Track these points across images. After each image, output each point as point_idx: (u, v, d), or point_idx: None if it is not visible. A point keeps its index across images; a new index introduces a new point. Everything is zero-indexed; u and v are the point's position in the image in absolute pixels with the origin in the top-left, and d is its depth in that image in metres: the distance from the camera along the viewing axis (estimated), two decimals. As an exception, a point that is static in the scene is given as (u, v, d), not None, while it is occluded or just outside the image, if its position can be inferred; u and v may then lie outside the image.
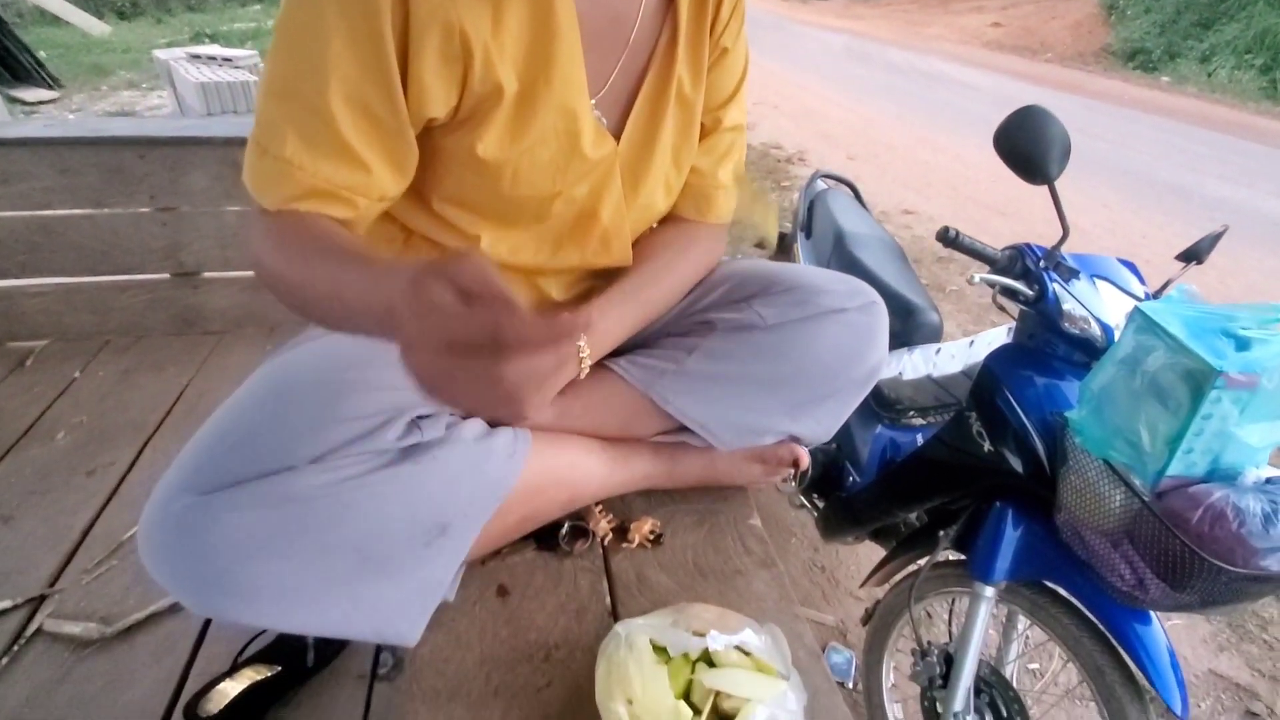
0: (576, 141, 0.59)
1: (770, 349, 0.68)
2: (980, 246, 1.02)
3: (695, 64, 0.66)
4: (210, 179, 1.48)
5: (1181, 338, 0.76)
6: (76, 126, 1.47)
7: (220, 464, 0.51)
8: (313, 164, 0.52)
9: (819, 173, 1.96)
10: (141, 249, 1.52)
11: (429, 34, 0.50)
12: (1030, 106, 0.94)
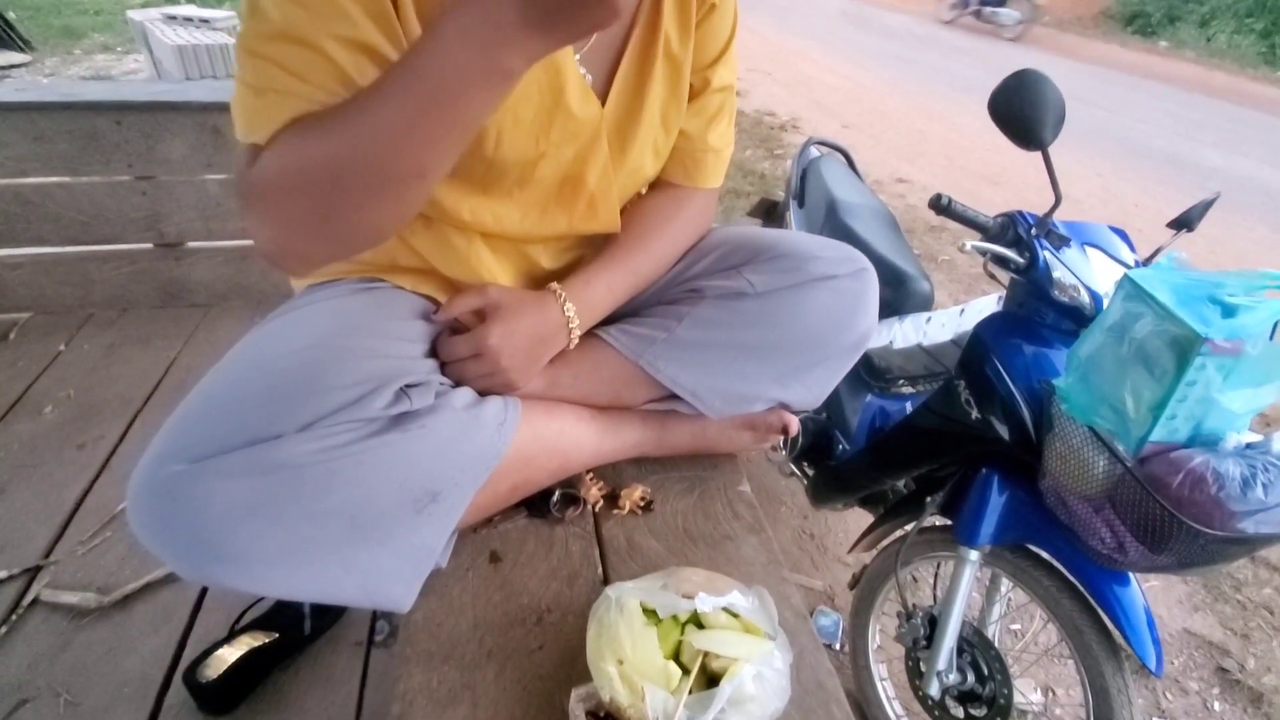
0: (561, 97, 0.58)
1: (760, 316, 0.68)
2: (972, 214, 1.02)
3: (682, 20, 0.64)
4: (189, 147, 1.44)
5: (1169, 305, 0.76)
6: (50, 91, 1.43)
7: (208, 431, 0.51)
8: (316, 81, 0.48)
9: (812, 140, 1.94)
10: (121, 219, 1.48)
11: None
12: (1026, 70, 0.93)
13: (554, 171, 0.63)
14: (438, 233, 0.65)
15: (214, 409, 0.53)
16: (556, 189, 0.65)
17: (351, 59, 0.48)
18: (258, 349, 0.57)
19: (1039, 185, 1.00)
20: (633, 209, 0.73)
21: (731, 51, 0.70)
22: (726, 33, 0.69)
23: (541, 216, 0.66)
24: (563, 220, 0.67)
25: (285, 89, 0.48)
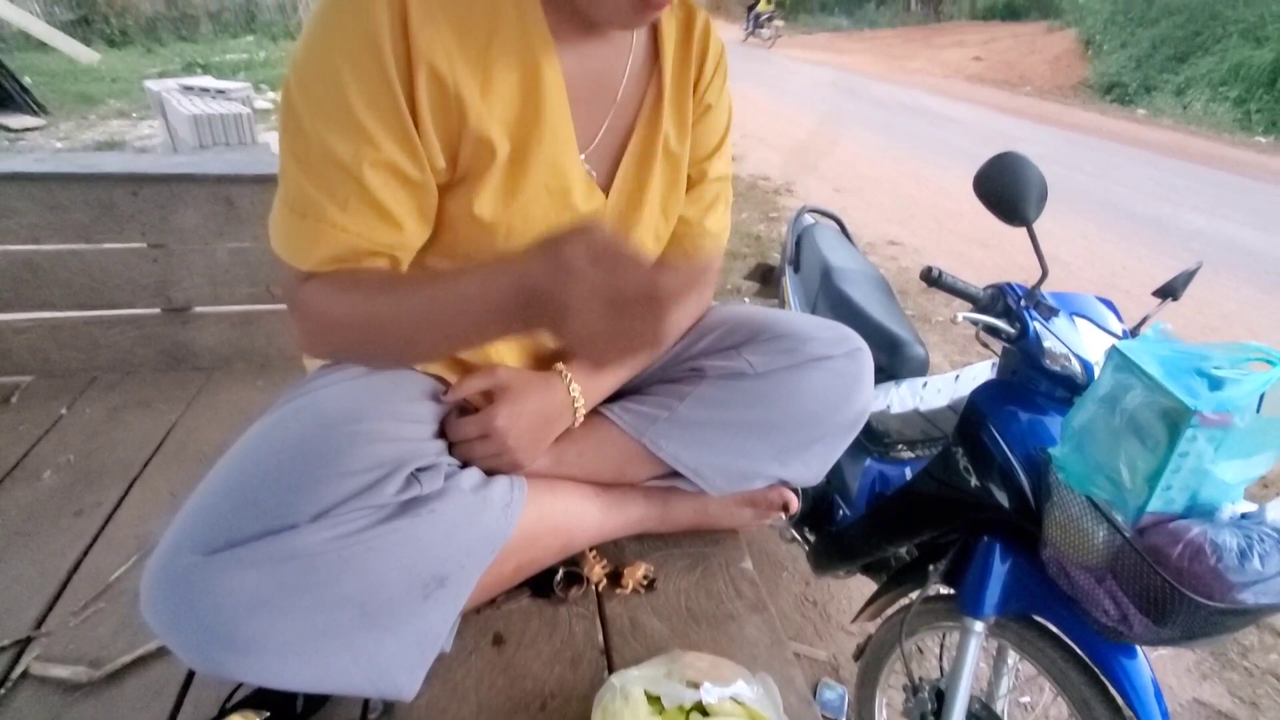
0: (567, 197, 0.61)
1: (759, 395, 0.70)
2: (963, 286, 1.05)
3: (680, 119, 0.68)
4: (202, 216, 1.49)
5: (1158, 377, 0.78)
6: (68, 162, 1.48)
7: (223, 522, 0.51)
8: (355, 225, 0.54)
9: (806, 208, 2.00)
10: (131, 285, 1.51)
11: (429, 84, 0.52)
12: (1007, 152, 0.98)
13: None
14: None
15: (229, 498, 0.54)
16: None
17: (380, 180, 0.53)
18: (271, 435, 0.58)
19: (1027, 248, 1.03)
20: None
21: (727, 145, 0.74)
22: (722, 129, 0.73)
23: None
24: None
25: (321, 217, 0.53)
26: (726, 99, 0.73)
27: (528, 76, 0.56)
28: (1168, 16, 10.95)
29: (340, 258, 0.55)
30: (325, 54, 0.51)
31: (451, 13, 0.52)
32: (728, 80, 0.72)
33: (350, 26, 0.50)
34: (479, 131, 0.55)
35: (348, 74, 0.50)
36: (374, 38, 0.50)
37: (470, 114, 0.54)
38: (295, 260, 0.56)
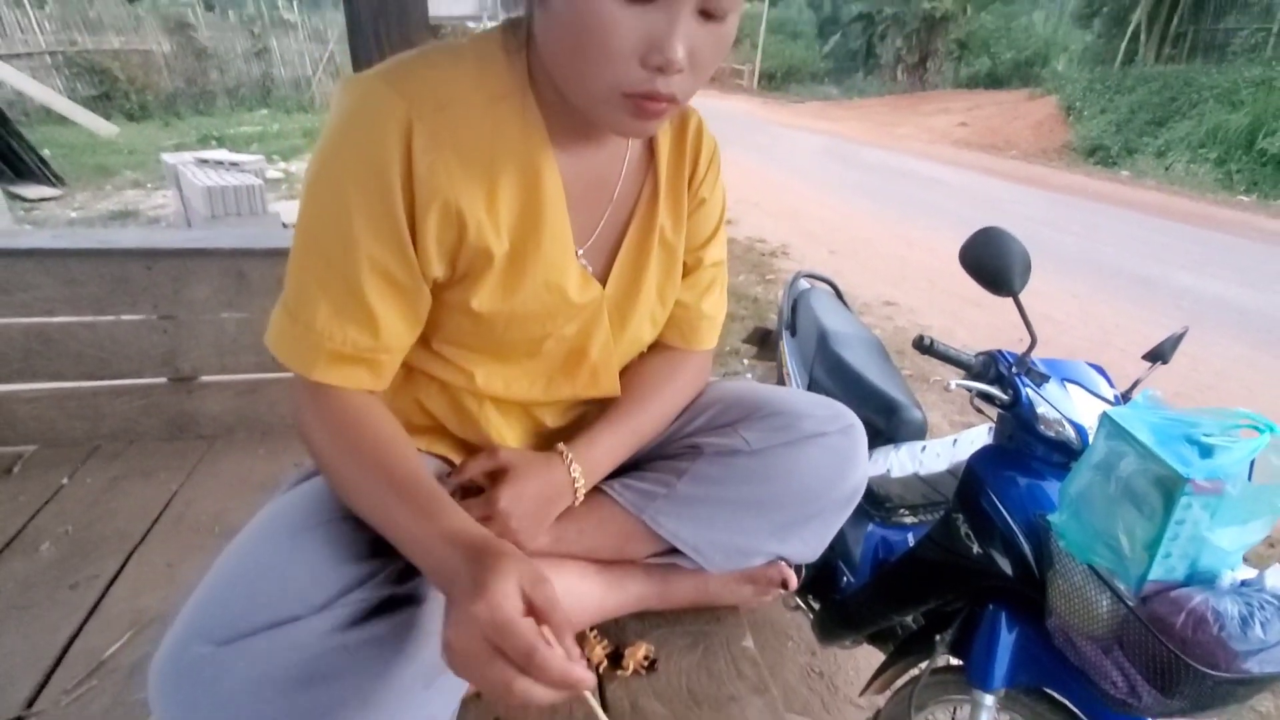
0: (563, 294, 0.64)
1: (756, 473, 0.71)
2: (955, 353, 1.07)
3: (675, 213, 0.72)
4: (213, 289, 1.53)
5: (1149, 444, 0.79)
6: (84, 238, 1.52)
7: (231, 613, 0.52)
8: (341, 331, 0.57)
9: (801, 273, 2.05)
10: (140, 355, 1.54)
11: (431, 209, 0.56)
12: (990, 227, 1.02)
13: (559, 346, 0.68)
14: (451, 396, 0.69)
15: (236, 588, 0.54)
16: (562, 361, 0.70)
17: (374, 286, 0.57)
18: (276, 523, 0.59)
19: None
20: (633, 370, 0.77)
21: (721, 233, 0.78)
22: (716, 219, 0.77)
23: (548, 385, 0.71)
24: (567, 388, 0.71)
25: (311, 325, 0.57)
26: (720, 192, 0.77)
27: (528, 182, 0.60)
28: (1143, 84, 11.44)
29: (325, 364, 0.58)
30: (334, 174, 0.55)
31: (456, 136, 0.55)
32: (720, 174, 0.76)
33: (360, 153, 0.54)
34: (479, 243, 0.59)
35: (354, 195, 0.54)
36: (381, 166, 0.53)
37: (471, 228, 0.58)
38: (283, 361, 0.60)
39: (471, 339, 0.64)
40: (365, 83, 0.54)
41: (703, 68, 0.53)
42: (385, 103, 0.53)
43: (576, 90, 0.54)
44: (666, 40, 0.49)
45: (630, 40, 0.49)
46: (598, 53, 0.50)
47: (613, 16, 0.48)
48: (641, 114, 0.53)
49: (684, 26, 0.49)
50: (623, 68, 0.50)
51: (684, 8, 0.49)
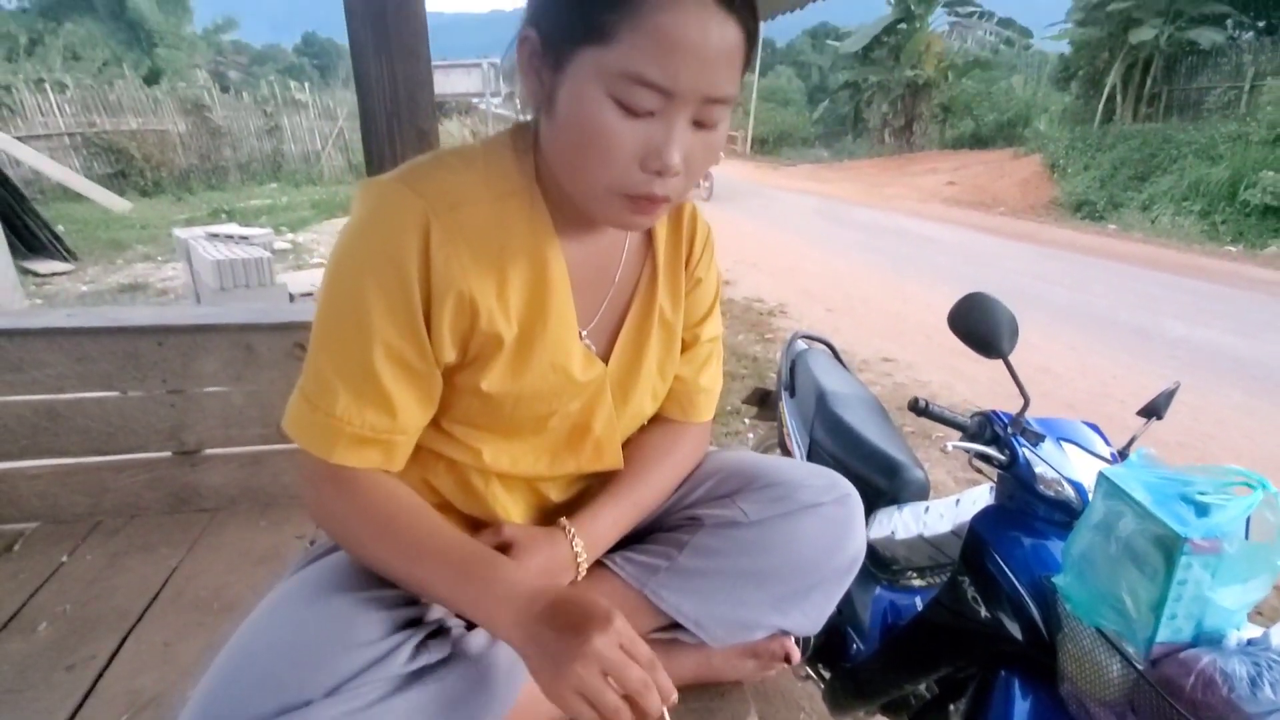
0: (568, 374, 0.68)
1: (755, 544, 0.72)
2: (950, 415, 1.09)
3: (674, 293, 0.76)
4: (221, 363, 1.55)
5: (1146, 504, 0.80)
6: (98, 316, 1.56)
7: (241, 700, 0.52)
8: (359, 416, 0.60)
9: (798, 333, 2.09)
10: (146, 430, 1.56)
11: (446, 299, 0.60)
12: (976, 293, 1.05)
13: (564, 423, 0.71)
14: (459, 474, 0.71)
15: (246, 674, 0.55)
16: (566, 436, 0.72)
17: (389, 371, 0.60)
18: (284, 607, 0.60)
19: (1016, 360, 1.08)
20: (634, 443, 0.79)
21: (716, 310, 0.82)
22: (711, 297, 0.81)
23: (553, 460, 0.72)
24: (571, 463, 0.73)
25: (330, 411, 0.60)
26: (715, 272, 0.81)
27: (536, 271, 0.64)
28: (1123, 141, 11.83)
29: (344, 448, 0.61)
30: (355, 269, 0.59)
31: (469, 232, 0.59)
32: (714, 256, 0.80)
33: (380, 249, 0.58)
34: (490, 329, 0.62)
35: (373, 288, 0.58)
36: (400, 260, 0.57)
37: (483, 316, 0.61)
38: (303, 446, 0.62)
39: (480, 418, 0.67)
40: (385, 185, 0.59)
41: (696, 170, 0.58)
42: (405, 203, 0.57)
43: (579, 189, 0.58)
44: (663, 149, 0.53)
45: (629, 148, 0.54)
46: (599, 158, 0.54)
47: (613, 127, 0.52)
48: (639, 212, 0.57)
49: (679, 136, 0.54)
50: (622, 172, 0.55)
51: (679, 120, 0.53)
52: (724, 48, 0.51)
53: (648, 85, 0.51)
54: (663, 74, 0.50)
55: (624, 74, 0.51)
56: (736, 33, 0.52)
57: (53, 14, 20.60)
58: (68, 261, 6.85)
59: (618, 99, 0.52)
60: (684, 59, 0.50)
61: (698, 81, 0.51)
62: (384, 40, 1.12)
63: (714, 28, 0.50)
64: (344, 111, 14.05)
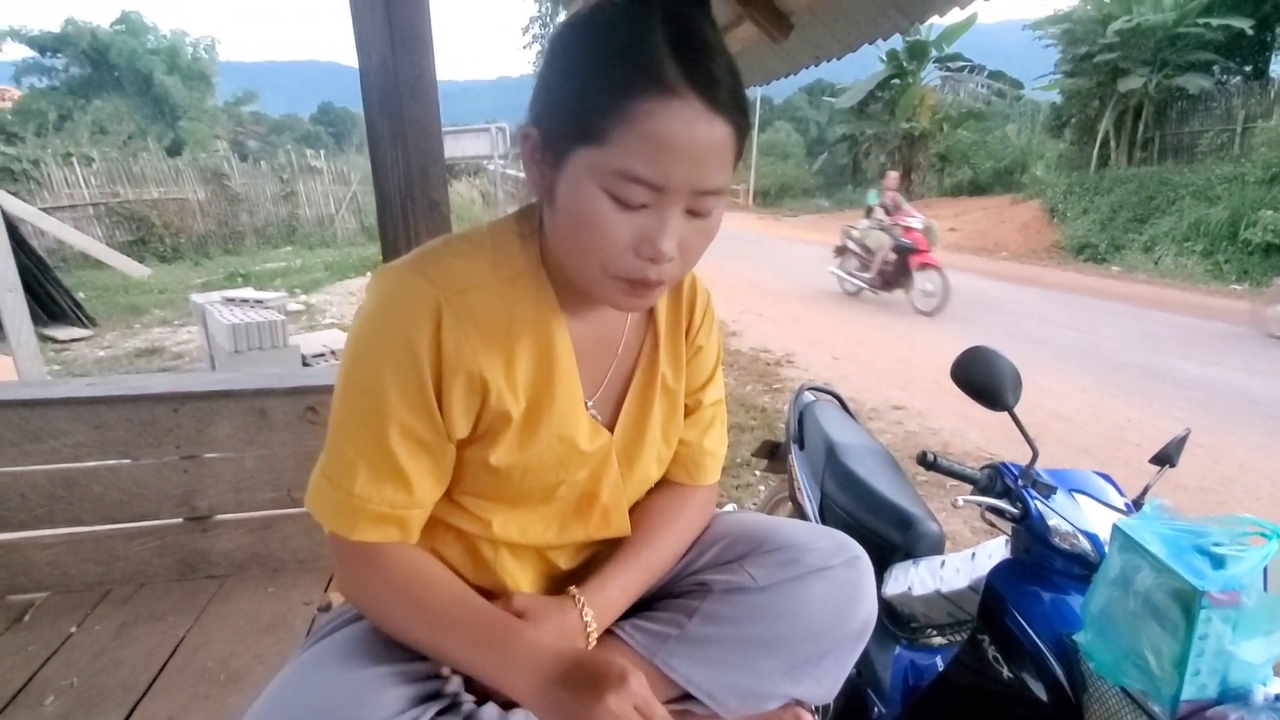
0: (574, 445, 0.69)
1: (764, 610, 0.71)
2: (959, 468, 1.09)
3: (675, 361, 0.78)
4: (235, 427, 1.58)
5: (1162, 557, 0.79)
6: (116, 385, 1.59)
7: None
8: (378, 493, 0.62)
9: (805, 385, 2.09)
10: (159, 497, 1.57)
11: (457, 379, 0.62)
12: (977, 347, 1.07)
13: (571, 491, 0.72)
14: (468, 544, 0.72)
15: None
16: (574, 504, 0.73)
17: (404, 448, 0.62)
18: (298, 684, 0.60)
19: (1029, 403, 1.08)
20: (641, 508, 0.80)
21: (718, 374, 0.83)
22: (713, 363, 0.82)
23: (561, 529, 0.73)
24: (579, 530, 0.74)
25: (350, 490, 0.62)
26: (715, 338, 0.83)
27: (542, 348, 0.67)
28: (1120, 185, 12.00)
29: (362, 525, 0.63)
30: (371, 353, 0.61)
31: (478, 314, 0.62)
32: (715, 323, 0.83)
33: (394, 333, 0.60)
34: (499, 406, 0.65)
35: (388, 371, 0.61)
36: (413, 344, 0.60)
37: (493, 393, 0.64)
38: (321, 522, 0.64)
39: (489, 489, 0.68)
40: (398, 272, 0.62)
41: (691, 255, 0.61)
42: (417, 289, 0.61)
43: (579, 273, 0.61)
44: (656, 238, 0.56)
45: (625, 237, 0.57)
46: (597, 246, 0.57)
47: (608, 219, 0.55)
48: (635, 295, 0.60)
49: (673, 226, 0.57)
50: (618, 258, 0.58)
51: (672, 211, 0.56)
52: (713, 145, 0.54)
53: (640, 182, 0.54)
54: (654, 172, 0.53)
55: (618, 172, 0.54)
56: (725, 130, 0.55)
57: (82, 91, 21.63)
58: (86, 327, 7.00)
59: (612, 194, 0.55)
60: (674, 158, 0.53)
61: (688, 177, 0.54)
62: (399, 128, 1.18)
63: (702, 128, 0.53)
64: (357, 176, 14.53)
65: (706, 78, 0.53)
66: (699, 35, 0.54)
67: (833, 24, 1.89)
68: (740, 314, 6.99)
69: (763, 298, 7.92)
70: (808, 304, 7.72)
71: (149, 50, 22.49)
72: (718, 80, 0.53)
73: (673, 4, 0.55)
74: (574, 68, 0.56)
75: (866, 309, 7.30)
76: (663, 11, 0.54)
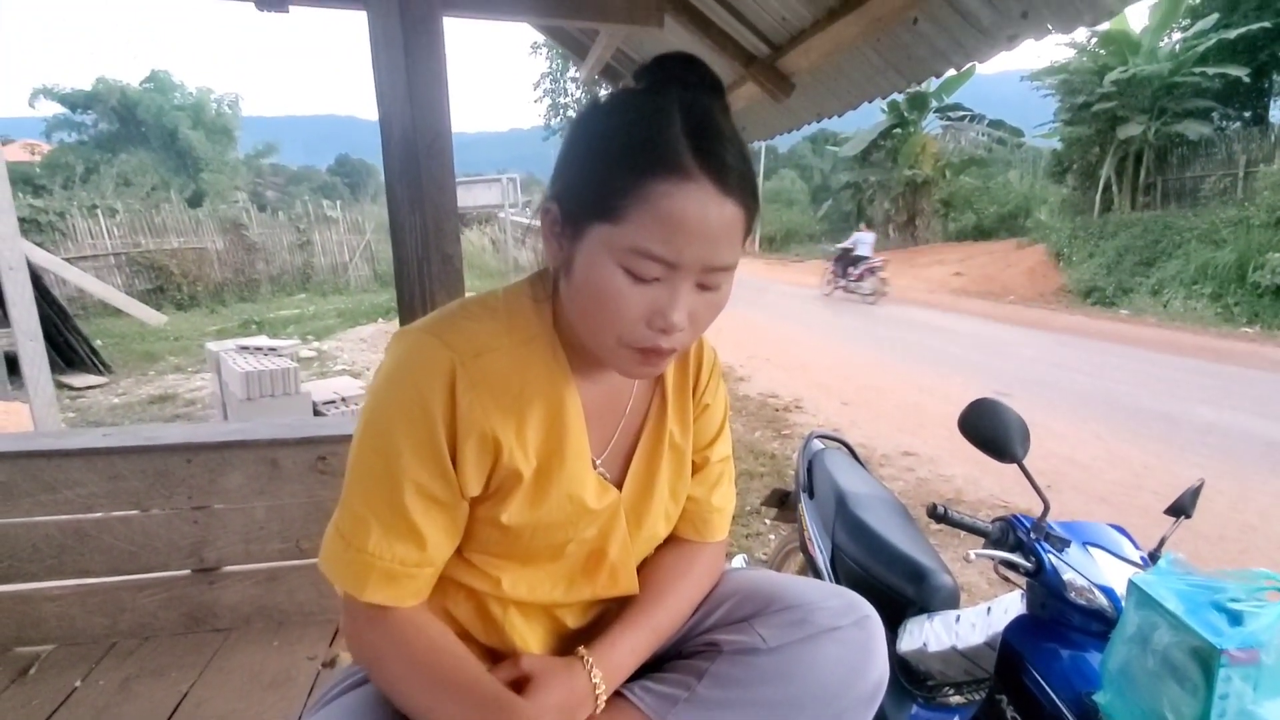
0: (582, 504, 0.71)
1: (774, 672, 0.70)
2: (970, 521, 1.08)
3: (683, 419, 0.80)
4: (246, 477, 1.58)
5: (1179, 614, 0.78)
6: (131, 435, 1.61)
7: None
8: (389, 550, 0.63)
9: (814, 433, 2.09)
10: (169, 548, 1.57)
11: (469, 439, 0.64)
12: (984, 398, 1.07)
13: (580, 549, 0.73)
14: (478, 603, 0.72)
15: None
16: (582, 562, 0.74)
17: (418, 505, 0.63)
18: None
19: (1045, 449, 1.08)
20: (650, 565, 0.80)
21: (726, 431, 0.85)
22: (720, 420, 0.84)
23: (569, 587, 0.74)
24: (587, 589, 0.74)
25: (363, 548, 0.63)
26: (722, 396, 0.85)
27: (553, 409, 0.69)
28: (1124, 229, 12.08)
29: (374, 583, 0.64)
30: (388, 414, 0.64)
31: (492, 377, 0.65)
32: (722, 380, 0.85)
33: (410, 395, 0.63)
34: (511, 465, 0.66)
35: (403, 432, 0.63)
36: (428, 406, 0.62)
37: (505, 453, 0.66)
38: (333, 581, 0.65)
39: (499, 547, 0.69)
40: (416, 335, 0.64)
41: (700, 325, 0.63)
42: (433, 352, 0.63)
43: (593, 341, 0.64)
44: (667, 310, 0.59)
45: (637, 310, 0.59)
46: (610, 316, 0.60)
47: (622, 292, 0.58)
48: (646, 363, 0.63)
49: (684, 300, 0.59)
50: (630, 328, 0.60)
51: (683, 286, 0.59)
52: (724, 225, 0.57)
53: (654, 258, 0.57)
54: (667, 250, 0.56)
55: (633, 249, 0.57)
56: (736, 211, 0.58)
57: (109, 145, 22.44)
58: (102, 374, 7.10)
59: (627, 268, 0.58)
60: (687, 237, 0.56)
61: (700, 255, 0.57)
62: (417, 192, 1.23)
63: (714, 210, 0.56)
64: (371, 225, 14.87)
65: (719, 164, 0.56)
66: (713, 124, 0.58)
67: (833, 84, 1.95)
68: (748, 359, 7.01)
69: (770, 342, 7.95)
70: (816, 348, 7.73)
71: (175, 106, 23.41)
72: (730, 166, 0.57)
73: (689, 93, 0.59)
74: (596, 150, 0.59)
75: (878, 356, 7.30)
76: (680, 100, 0.58)
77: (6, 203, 3.50)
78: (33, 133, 26.19)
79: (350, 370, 6.87)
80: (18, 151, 21.98)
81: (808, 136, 40.10)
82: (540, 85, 22.46)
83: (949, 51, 1.63)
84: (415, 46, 1.14)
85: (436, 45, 1.24)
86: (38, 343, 3.53)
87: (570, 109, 22.37)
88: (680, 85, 0.60)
